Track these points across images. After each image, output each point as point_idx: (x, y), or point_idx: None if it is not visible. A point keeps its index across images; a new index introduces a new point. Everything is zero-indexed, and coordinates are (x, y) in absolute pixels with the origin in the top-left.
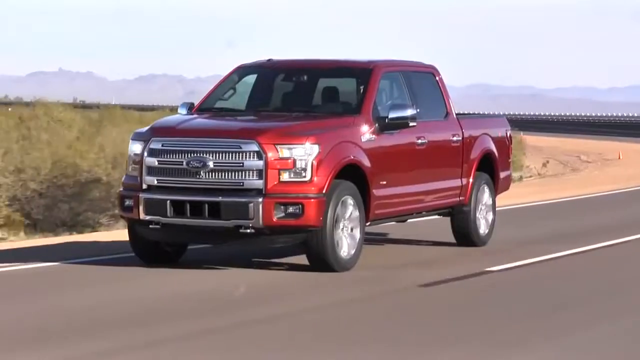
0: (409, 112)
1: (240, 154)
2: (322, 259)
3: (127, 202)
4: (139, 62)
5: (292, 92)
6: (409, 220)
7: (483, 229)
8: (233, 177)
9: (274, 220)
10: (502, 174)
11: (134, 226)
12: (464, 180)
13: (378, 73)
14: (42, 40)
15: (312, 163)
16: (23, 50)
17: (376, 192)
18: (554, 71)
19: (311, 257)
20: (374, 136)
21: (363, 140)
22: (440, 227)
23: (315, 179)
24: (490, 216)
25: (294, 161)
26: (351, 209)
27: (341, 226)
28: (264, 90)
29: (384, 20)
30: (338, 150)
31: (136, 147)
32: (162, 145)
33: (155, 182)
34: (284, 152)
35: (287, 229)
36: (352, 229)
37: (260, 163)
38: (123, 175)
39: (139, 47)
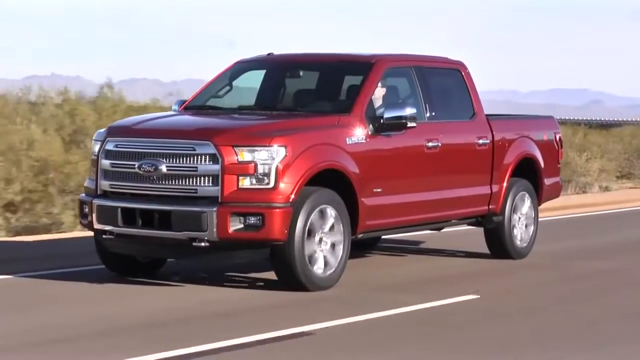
0: (408, 111)
1: (194, 157)
2: (290, 276)
3: (85, 209)
4: (121, 67)
5: (285, 89)
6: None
7: (521, 240)
8: (187, 183)
9: (230, 232)
10: (548, 181)
11: (96, 235)
12: (495, 187)
13: (380, 68)
14: (37, 47)
15: (276, 167)
16: (19, 56)
17: (367, 201)
18: (481, 75)
19: (278, 274)
20: (364, 138)
21: (349, 142)
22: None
23: (280, 185)
24: (530, 226)
25: (256, 165)
26: (331, 219)
27: (317, 239)
28: (263, 87)
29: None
30: (312, 153)
31: (95, 149)
32: (116, 147)
33: (109, 187)
34: (245, 155)
35: (246, 242)
36: (332, 243)
37: (216, 167)
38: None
39: (121, 53)
